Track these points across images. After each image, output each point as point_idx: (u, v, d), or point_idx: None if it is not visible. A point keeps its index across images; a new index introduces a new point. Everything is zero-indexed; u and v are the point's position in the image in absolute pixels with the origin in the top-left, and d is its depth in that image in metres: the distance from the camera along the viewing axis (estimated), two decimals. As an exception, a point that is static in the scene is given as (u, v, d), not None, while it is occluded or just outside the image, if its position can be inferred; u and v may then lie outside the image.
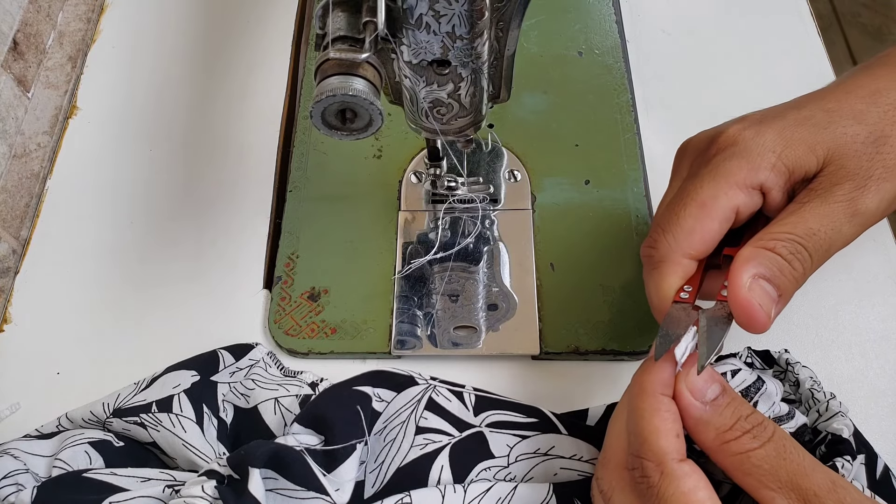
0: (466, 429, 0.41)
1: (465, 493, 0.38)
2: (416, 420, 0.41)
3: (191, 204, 0.53)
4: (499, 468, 0.40)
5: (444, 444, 0.41)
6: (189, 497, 0.35)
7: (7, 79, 0.52)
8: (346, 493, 0.39)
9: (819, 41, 0.59)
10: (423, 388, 0.42)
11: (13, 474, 0.39)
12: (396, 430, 0.41)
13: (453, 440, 0.41)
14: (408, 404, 0.42)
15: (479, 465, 0.40)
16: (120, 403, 0.42)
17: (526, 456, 0.40)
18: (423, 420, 0.41)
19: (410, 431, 0.41)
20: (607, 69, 0.57)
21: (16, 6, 0.54)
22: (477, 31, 0.35)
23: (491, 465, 0.40)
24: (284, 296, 0.48)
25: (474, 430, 0.41)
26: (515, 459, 0.40)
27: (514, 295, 0.48)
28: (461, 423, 0.41)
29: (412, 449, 0.40)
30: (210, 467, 0.37)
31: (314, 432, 0.39)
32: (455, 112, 0.40)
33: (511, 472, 0.40)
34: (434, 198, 0.51)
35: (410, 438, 0.41)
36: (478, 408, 0.42)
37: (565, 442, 0.40)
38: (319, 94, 0.33)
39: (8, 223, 0.51)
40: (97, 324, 0.48)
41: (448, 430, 0.41)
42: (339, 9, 0.33)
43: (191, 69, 0.59)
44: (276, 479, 0.37)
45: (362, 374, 0.43)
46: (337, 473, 0.38)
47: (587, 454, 0.40)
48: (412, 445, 0.41)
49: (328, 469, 0.38)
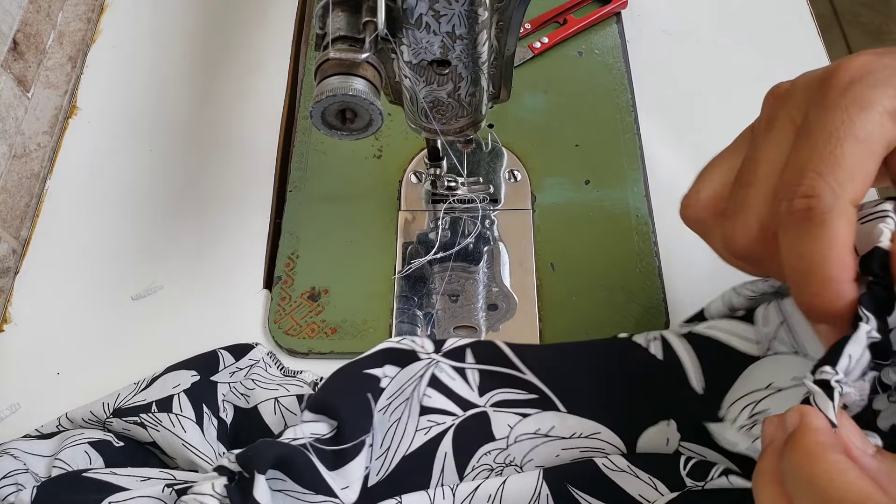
0: (471, 408, 0.41)
1: (453, 497, 0.38)
2: (420, 398, 0.41)
3: (191, 204, 0.53)
4: (498, 451, 0.40)
5: (448, 426, 0.40)
6: (199, 495, 0.35)
7: (7, 79, 0.52)
8: (354, 490, 0.39)
9: (819, 41, 0.59)
10: (425, 363, 0.41)
11: (13, 474, 0.39)
12: (402, 409, 0.41)
13: (457, 420, 0.40)
14: (410, 380, 0.41)
15: (480, 449, 0.40)
16: (120, 403, 0.42)
17: (526, 437, 0.40)
18: (427, 398, 0.41)
19: (415, 412, 0.40)
20: (607, 69, 0.57)
21: (16, 6, 0.54)
22: (477, 31, 0.35)
23: (491, 449, 0.40)
24: (284, 296, 0.48)
25: (478, 411, 0.41)
26: (515, 441, 0.40)
27: (514, 295, 0.48)
28: (466, 403, 0.41)
29: (417, 434, 0.40)
30: (220, 463, 0.37)
31: (326, 418, 0.39)
32: (455, 112, 0.40)
33: (510, 454, 0.40)
34: (434, 198, 0.51)
35: (416, 420, 0.40)
36: (483, 387, 0.41)
37: (566, 420, 0.40)
38: (319, 94, 0.33)
39: (8, 223, 0.51)
40: (97, 324, 0.48)
41: (452, 410, 0.41)
42: (339, 9, 0.33)
43: (191, 69, 0.59)
44: (284, 480, 0.37)
45: (372, 353, 0.42)
46: (345, 471, 0.38)
47: (588, 430, 0.40)
48: (417, 429, 0.40)
49: (337, 466, 0.38)
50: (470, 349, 0.42)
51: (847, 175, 0.29)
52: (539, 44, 0.58)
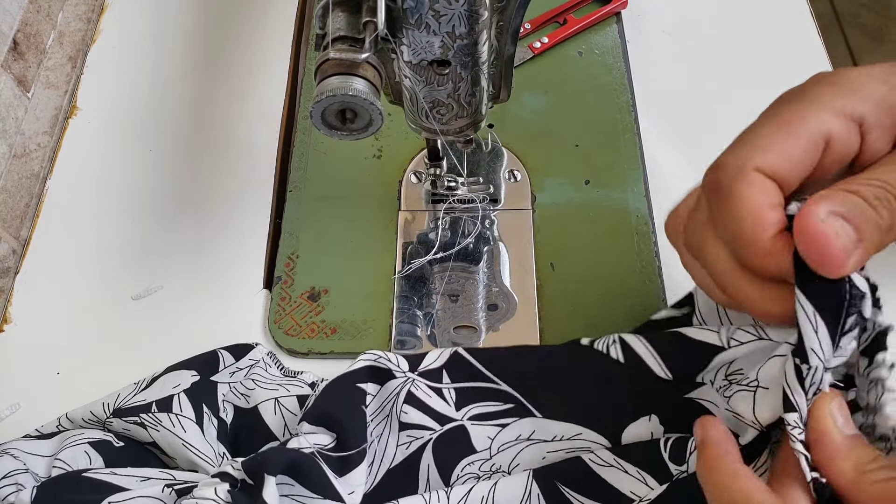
0: (448, 422, 0.41)
1: (448, 499, 0.38)
2: (398, 414, 0.41)
3: (191, 204, 0.53)
4: (482, 461, 0.40)
5: (427, 440, 0.41)
6: (202, 499, 0.35)
7: (7, 79, 0.52)
8: (357, 496, 0.39)
9: (819, 41, 0.59)
10: (401, 381, 0.42)
11: (13, 474, 0.39)
12: (382, 425, 0.41)
13: (435, 434, 0.41)
14: (388, 398, 0.41)
15: (462, 462, 0.40)
16: (120, 403, 0.42)
17: (508, 445, 0.40)
18: (404, 415, 0.41)
19: (395, 427, 0.41)
20: (607, 69, 0.57)
21: (16, 6, 0.54)
22: (477, 31, 0.35)
23: (474, 460, 0.40)
24: (284, 296, 0.48)
25: (455, 424, 0.41)
26: (497, 450, 0.40)
27: (514, 295, 0.48)
28: (443, 418, 0.41)
29: (399, 448, 0.41)
30: (223, 469, 0.37)
31: (325, 430, 0.39)
32: (455, 112, 0.40)
33: (496, 463, 0.40)
34: (434, 198, 0.51)
35: (396, 435, 0.41)
36: (459, 402, 0.42)
37: (546, 425, 0.40)
38: (319, 94, 0.33)
39: (8, 223, 0.51)
40: (97, 324, 0.48)
41: (429, 425, 0.41)
42: (339, 9, 0.33)
43: (191, 69, 0.59)
44: (292, 485, 0.37)
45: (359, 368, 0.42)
46: (350, 477, 0.39)
47: (569, 432, 0.40)
48: (398, 444, 0.41)
49: (341, 473, 0.39)
50: (445, 370, 0.42)
51: (757, 150, 0.30)
52: (539, 44, 0.58)
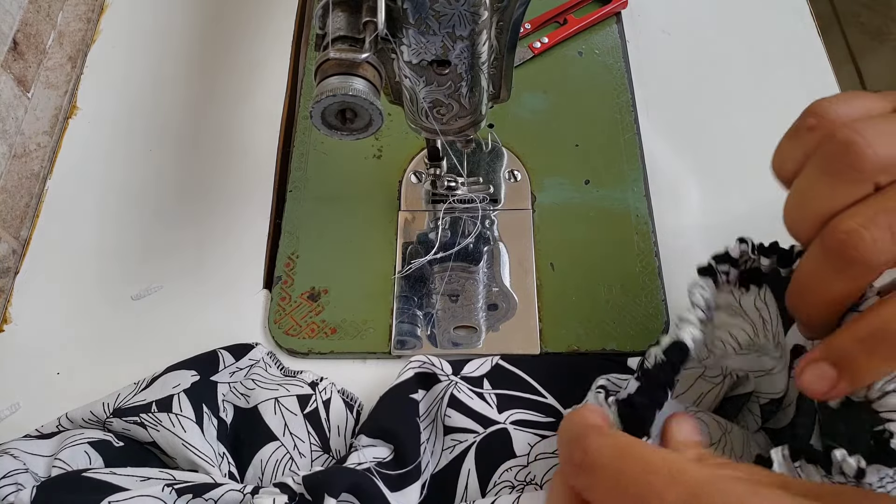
0: (491, 425, 0.42)
1: None
2: (442, 419, 0.42)
3: (190, 204, 0.53)
4: (520, 467, 0.41)
5: (471, 444, 0.41)
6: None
7: (7, 79, 0.52)
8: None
9: (819, 41, 0.59)
10: (444, 384, 0.42)
11: (13, 474, 0.39)
12: (429, 430, 0.42)
13: (479, 437, 0.41)
14: (434, 402, 0.42)
15: (502, 466, 0.41)
16: (120, 403, 0.42)
17: (545, 455, 0.41)
18: (448, 419, 0.42)
19: (440, 432, 0.42)
20: (607, 69, 0.57)
21: (16, 6, 0.54)
22: (477, 31, 0.35)
23: (512, 465, 0.41)
24: (284, 296, 0.48)
25: (499, 427, 0.41)
26: (535, 458, 0.41)
27: (514, 295, 0.48)
28: (486, 420, 0.42)
29: (444, 453, 0.41)
30: (283, 481, 0.37)
31: (383, 442, 0.40)
32: (455, 112, 0.40)
33: (530, 472, 0.41)
34: (434, 198, 0.51)
35: (441, 440, 0.42)
36: (501, 406, 0.42)
37: None
38: (319, 94, 0.33)
39: (8, 223, 0.51)
40: (97, 324, 0.48)
41: (473, 428, 0.41)
42: (339, 9, 0.33)
43: (191, 69, 0.59)
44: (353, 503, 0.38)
45: (409, 378, 0.43)
46: (406, 492, 0.39)
47: None
48: (444, 448, 0.41)
49: (399, 487, 0.39)
50: (487, 379, 0.43)
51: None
52: (539, 44, 0.58)
